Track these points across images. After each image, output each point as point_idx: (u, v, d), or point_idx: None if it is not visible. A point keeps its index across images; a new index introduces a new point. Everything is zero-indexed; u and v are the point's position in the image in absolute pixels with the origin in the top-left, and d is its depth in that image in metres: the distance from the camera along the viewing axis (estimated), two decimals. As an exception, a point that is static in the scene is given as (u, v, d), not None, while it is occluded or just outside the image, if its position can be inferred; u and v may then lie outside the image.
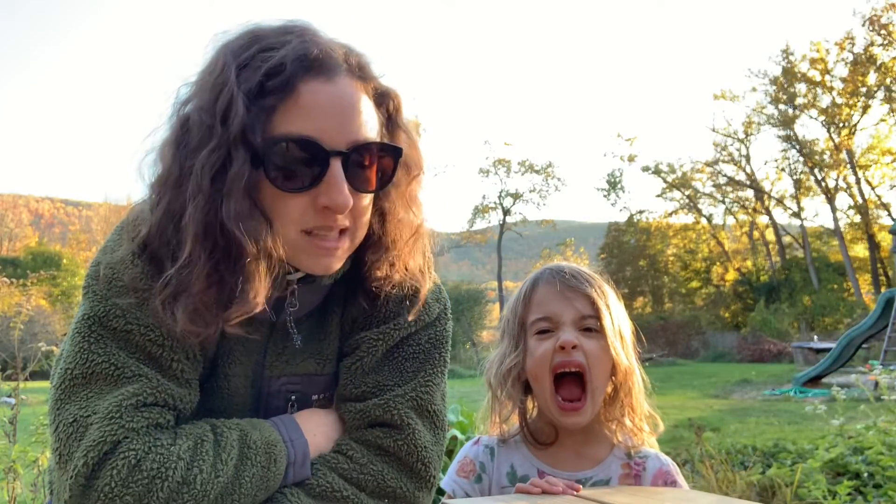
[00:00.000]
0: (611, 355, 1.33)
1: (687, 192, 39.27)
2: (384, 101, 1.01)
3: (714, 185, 39.25)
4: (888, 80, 31.97)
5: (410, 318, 1.08)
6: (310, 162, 0.91)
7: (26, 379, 3.54)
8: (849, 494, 3.49)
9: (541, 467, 1.36)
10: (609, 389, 1.38)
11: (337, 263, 0.99)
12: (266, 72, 0.90)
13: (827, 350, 15.06)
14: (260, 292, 0.91)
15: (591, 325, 1.34)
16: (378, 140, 0.97)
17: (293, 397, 1.09)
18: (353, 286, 1.08)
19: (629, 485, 1.33)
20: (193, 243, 0.89)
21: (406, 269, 1.07)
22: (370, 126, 0.96)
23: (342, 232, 0.96)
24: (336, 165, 0.91)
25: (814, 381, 13.29)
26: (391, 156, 0.99)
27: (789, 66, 34.94)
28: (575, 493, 1.17)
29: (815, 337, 20.60)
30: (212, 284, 0.89)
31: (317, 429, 1.02)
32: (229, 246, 0.89)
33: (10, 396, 3.62)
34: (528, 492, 1.20)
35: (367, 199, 0.99)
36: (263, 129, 0.90)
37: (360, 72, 0.97)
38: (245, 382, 1.05)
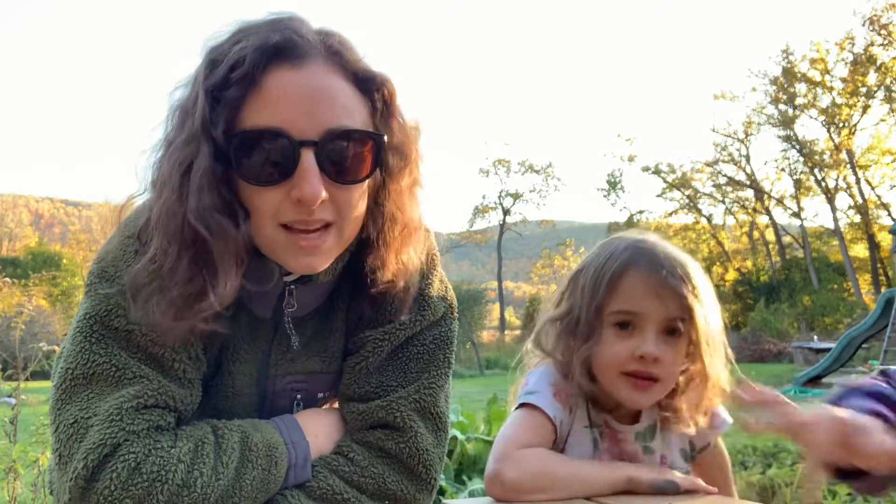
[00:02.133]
0: (685, 358, 1.22)
1: (687, 192, 39.26)
2: (371, 87, 0.95)
3: (714, 185, 39.26)
4: (888, 80, 31.96)
5: (402, 317, 1.05)
6: (279, 154, 0.88)
7: (27, 379, 3.54)
8: (849, 494, 3.49)
9: (605, 417, 1.26)
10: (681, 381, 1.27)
11: (322, 262, 0.95)
12: (230, 65, 0.88)
13: (827, 350, 15.04)
14: (228, 285, 0.89)
15: (677, 328, 1.20)
16: (361, 128, 0.93)
17: (299, 396, 1.08)
18: (358, 286, 1.06)
19: (666, 425, 1.28)
20: (161, 238, 0.88)
21: (407, 268, 1.04)
22: (349, 113, 0.91)
23: (327, 227, 0.92)
24: (307, 156, 0.88)
25: (814, 381, 13.28)
26: (372, 144, 0.93)
27: (789, 66, 34.92)
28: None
29: (815, 337, 20.58)
30: (181, 277, 0.88)
31: (318, 430, 1.02)
32: (195, 239, 0.88)
33: (10, 396, 3.61)
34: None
35: (354, 192, 0.94)
36: (230, 122, 0.88)
37: (337, 57, 0.93)
38: (250, 381, 1.04)
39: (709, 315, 1.22)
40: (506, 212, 40.44)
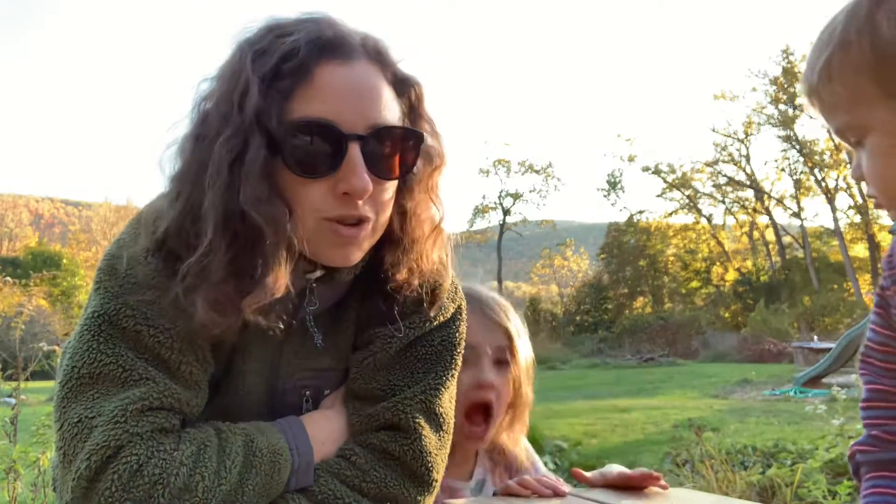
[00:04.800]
0: (514, 387, 1.38)
1: (687, 192, 39.27)
2: (405, 88, 0.99)
3: (714, 185, 39.28)
4: (888, 80, 31.93)
5: (432, 313, 1.07)
6: (328, 146, 0.90)
7: (27, 379, 3.55)
8: (849, 494, 3.49)
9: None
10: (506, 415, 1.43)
11: (358, 254, 0.97)
12: (281, 55, 0.90)
13: (827, 350, 15.04)
14: (280, 278, 0.90)
15: (506, 358, 1.37)
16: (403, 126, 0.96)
17: (307, 393, 1.07)
18: (372, 285, 1.06)
19: (501, 477, 1.42)
20: (214, 231, 0.88)
21: (424, 268, 1.04)
22: (390, 111, 0.94)
23: (364, 221, 0.94)
24: (354, 149, 0.90)
25: (814, 381, 13.28)
26: (413, 142, 0.97)
27: (789, 66, 34.93)
28: (562, 496, 1.18)
29: (815, 337, 20.57)
30: (232, 273, 0.88)
31: (326, 437, 1.01)
32: (248, 232, 0.88)
33: (10, 396, 3.62)
34: (517, 493, 1.20)
35: (390, 190, 0.97)
36: (280, 113, 0.90)
37: (378, 56, 0.96)
38: (260, 380, 1.04)
39: (526, 348, 1.41)
40: (506, 212, 40.43)
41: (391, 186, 0.97)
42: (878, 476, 0.89)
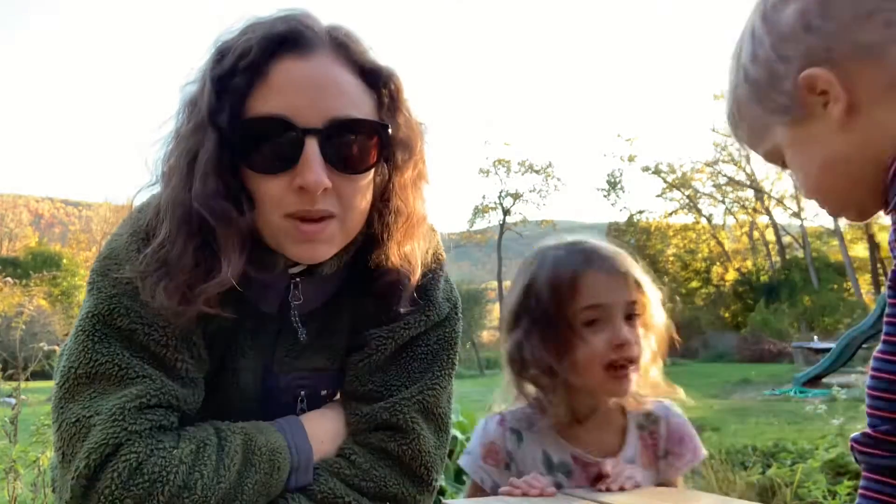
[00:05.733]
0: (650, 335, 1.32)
1: (687, 192, 39.28)
2: (377, 80, 0.97)
3: (714, 185, 39.27)
4: (888, 80, 31.92)
5: (426, 313, 1.06)
6: (283, 141, 0.89)
7: (27, 379, 3.55)
8: (849, 494, 3.49)
9: (574, 453, 1.31)
10: None
11: (324, 251, 0.96)
12: (237, 54, 0.91)
13: (827, 350, 15.04)
14: (231, 269, 0.91)
15: (636, 311, 1.30)
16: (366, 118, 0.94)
17: (303, 393, 1.08)
18: (364, 285, 1.06)
19: (649, 457, 1.35)
20: (170, 223, 0.91)
21: (414, 267, 1.04)
22: (354, 104, 0.93)
23: (329, 218, 0.93)
24: (310, 144, 0.89)
25: (814, 381, 13.28)
26: (378, 135, 0.95)
27: (789, 66, 34.89)
28: (551, 494, 1.20)
29: (815, 337, 20.57)
30: (188, 262, 0.90)
31: (325, 435, 1.02)
32: (201, 226, 0.90)
33: (10, 396, 3.63)
34: (508, 493, 1.21)
35: (358, 183, 0.95)
36: (237, 111, 0.91)
37: (343, 49, 0.95)
38: (254, 378, 1.04)
39: (653, 290, 1.34)
40: (506, 212, 40.43)
41: (360, 181, 0.95)
42: (869, 478, 0.90)
